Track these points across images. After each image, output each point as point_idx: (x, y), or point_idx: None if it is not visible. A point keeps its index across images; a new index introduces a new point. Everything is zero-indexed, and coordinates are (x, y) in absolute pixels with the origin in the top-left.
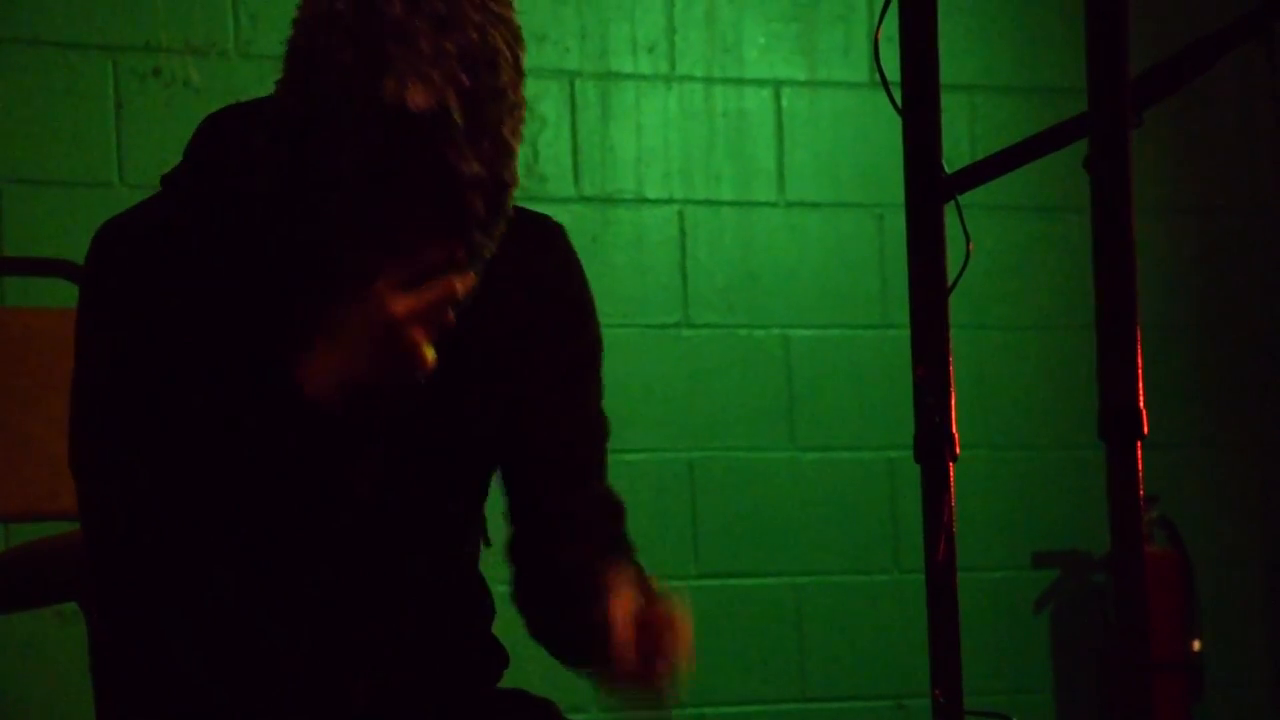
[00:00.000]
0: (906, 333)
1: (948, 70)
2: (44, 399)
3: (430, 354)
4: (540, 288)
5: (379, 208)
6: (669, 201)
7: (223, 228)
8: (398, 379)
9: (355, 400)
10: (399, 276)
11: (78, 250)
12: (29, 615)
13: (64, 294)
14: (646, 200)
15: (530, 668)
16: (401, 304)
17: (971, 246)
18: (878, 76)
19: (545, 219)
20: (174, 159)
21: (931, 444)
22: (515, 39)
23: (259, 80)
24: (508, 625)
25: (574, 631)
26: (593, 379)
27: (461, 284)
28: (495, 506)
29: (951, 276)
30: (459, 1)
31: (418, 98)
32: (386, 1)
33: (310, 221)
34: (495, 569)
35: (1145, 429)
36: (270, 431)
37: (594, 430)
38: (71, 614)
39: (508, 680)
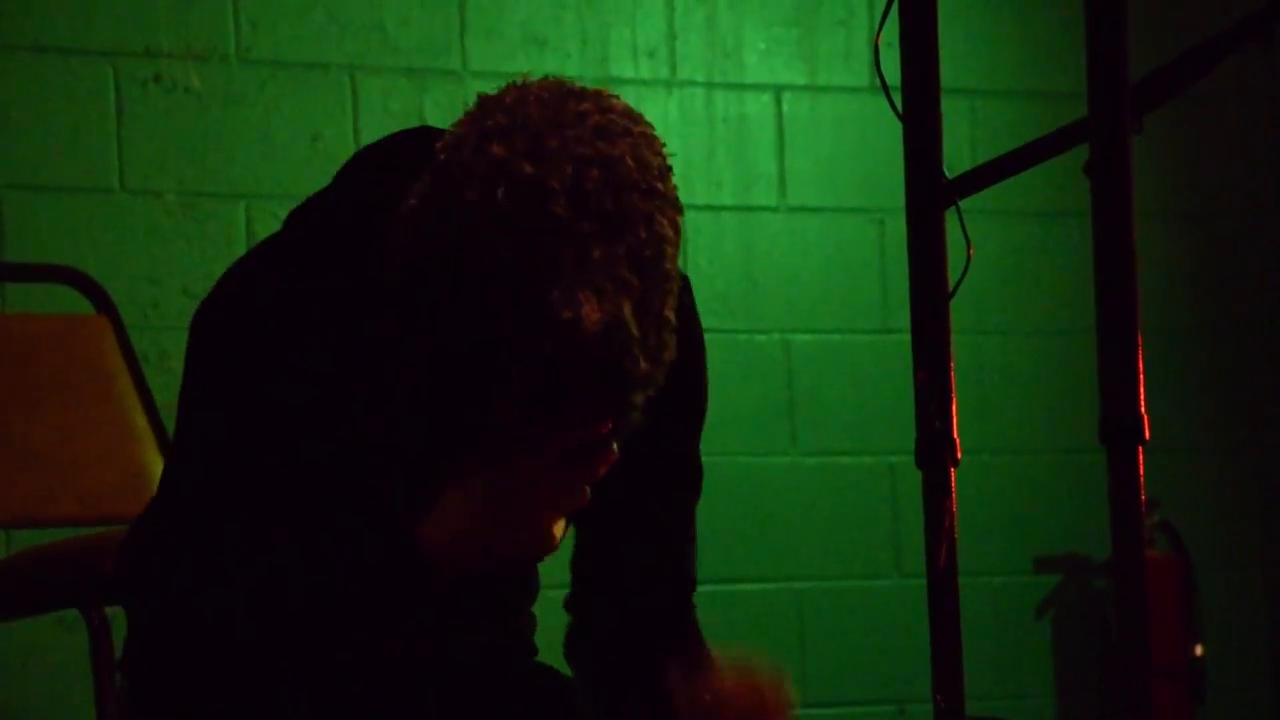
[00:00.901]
0: (907, 338)
1: (948, 75)
2: (45, 406)
3: (560, 531)
4: None
5: (538, 407)
6: None
7: (350, 336)
8: (523, 555)
9: (469, 564)
10: (546, 459)
11: (78, 256)
12: (29, 621)
13: (64, 300)
14: None
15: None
16: (545, 490)
17: (972, 251)
18: (878, 81)
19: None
20: (175, 165)
21: (933, 449)
22: (677, 209)
23: (259, 86)
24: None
25: (628, 695)
26: (686, 431)
27: (606, 464)
28: None
29: (952, 281)
30: (628, 195)
31: (592, 313)
32: (554, 199)
33: (453, 397)
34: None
35: (1146, 434)
36: (374, 579)
37: (676, 477)
38: (72, 621)
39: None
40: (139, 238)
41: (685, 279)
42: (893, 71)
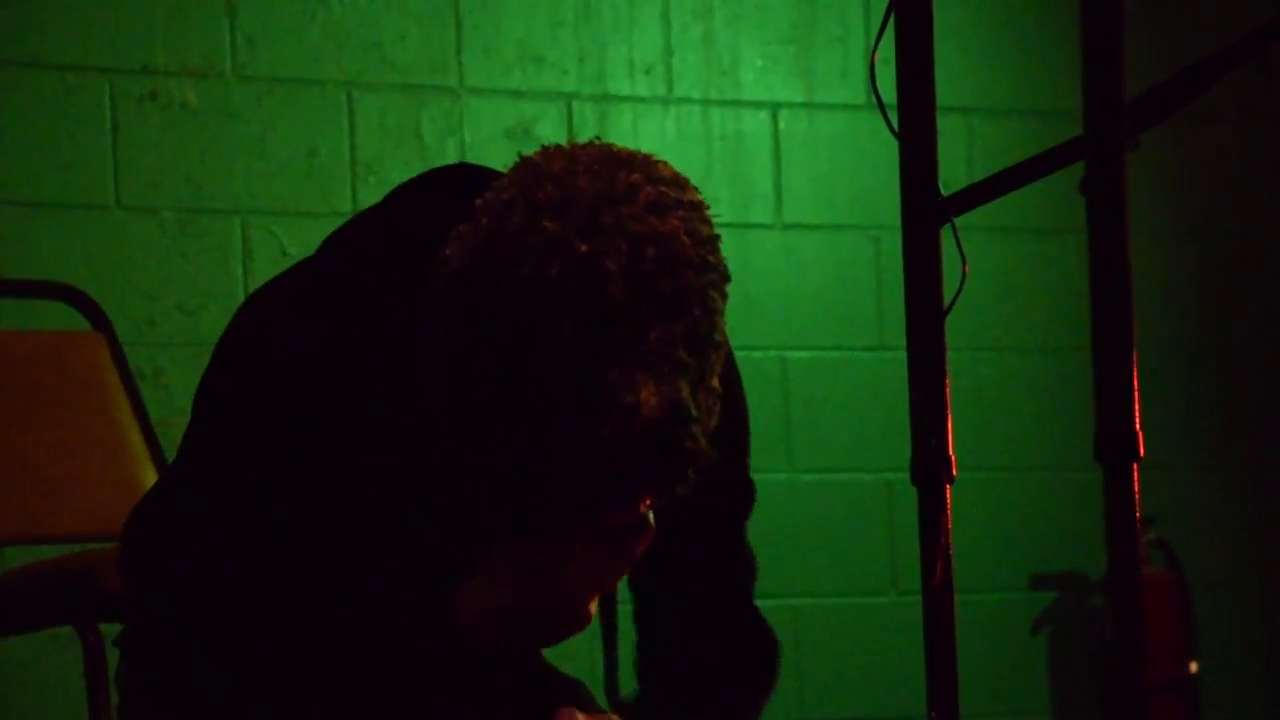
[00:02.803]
0: (903, 354)
1: (944, 92)
2: (40, 422)
3: (593, 611)
4: None
5: (588, 485)
6: None
7: (387, 389)
8: (555, 634)
9: (503, 638)
10: (587, 540)
11: (74, 273)
12: (23, 638)
13: (60, 317)
14: None
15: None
16: (584, 570)
17: (968, 269)
18: (874, 99)
19: None
20: (171, 181)
21: (929, 466)
22: (726, 278)
23: (256, 102)
24: None
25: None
26: (732, 515)
27: (644, 545)
28: None
29: (948, 298)
30: (683, 273)
31: (650, 397)
32: (611, 281)
33: (496, 470)
34: None
35: (1142, 451)
36: (405, 647)
37: (730, 561)
38: (67, 637)
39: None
40: (135, 254)
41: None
42: (889, 89)
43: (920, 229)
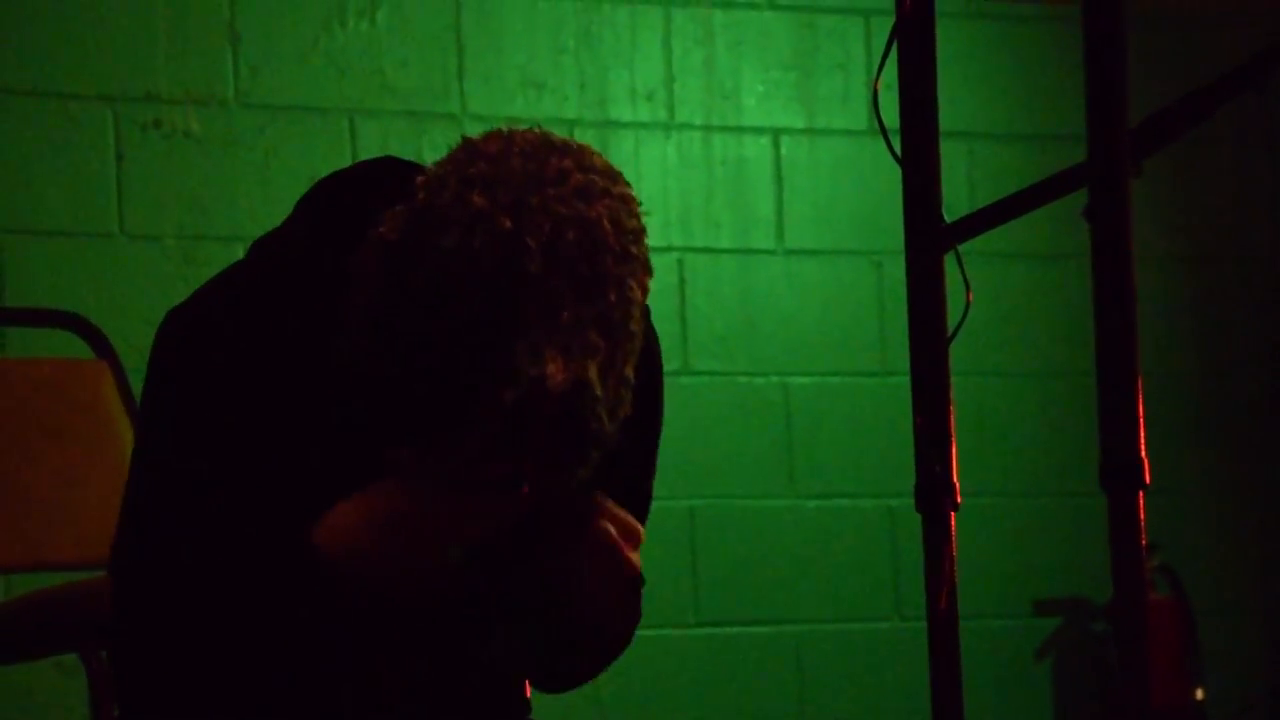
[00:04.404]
0: (906, 380)
1: (946, 117)
2: (44, 450)
3: (451, 554)
4: None
5: (485, 445)
6: (668, 249)
7: (309, 367)
8: (413, 583)
9: (368, 578)
10: (451, 484)
11: (78, 301)
12: (28, 665)
13: (64, 345)
14: None
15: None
16: (442, 518)
17: (971, 295)
18: (876, 124)
19: None
20: (174, 209)
21: (932, 493)
22: (647, 271)
23: (259, 130)
24: None
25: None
26: (640, 461)
27: (511, 504)
28: None
29: (952, 324)
30: (602, 258)
31: (557, 373)
32: (529, 256)
33: (394, 422)
34: None
35: (1147, 478)
36: (272, 584)
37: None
38: (71, 665)
39: None
40: (139, 282)
41: (646, 310)
42: (891, 114)
43: (923, 255)
